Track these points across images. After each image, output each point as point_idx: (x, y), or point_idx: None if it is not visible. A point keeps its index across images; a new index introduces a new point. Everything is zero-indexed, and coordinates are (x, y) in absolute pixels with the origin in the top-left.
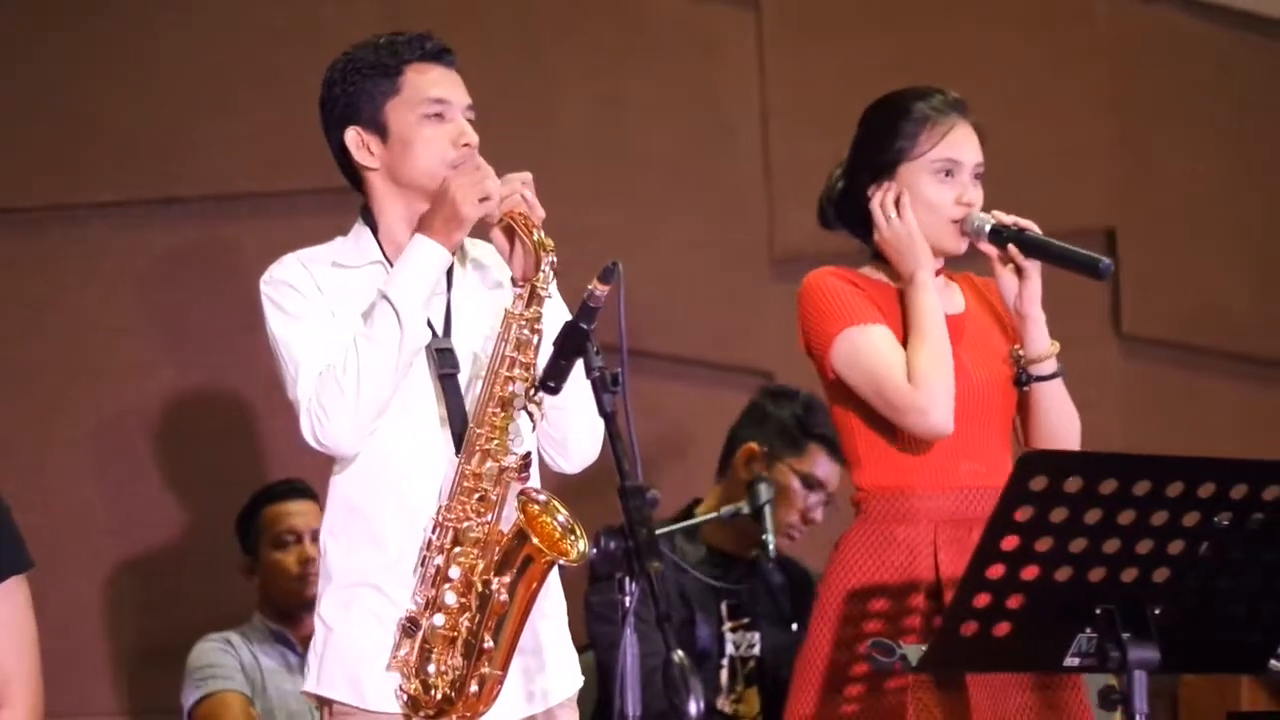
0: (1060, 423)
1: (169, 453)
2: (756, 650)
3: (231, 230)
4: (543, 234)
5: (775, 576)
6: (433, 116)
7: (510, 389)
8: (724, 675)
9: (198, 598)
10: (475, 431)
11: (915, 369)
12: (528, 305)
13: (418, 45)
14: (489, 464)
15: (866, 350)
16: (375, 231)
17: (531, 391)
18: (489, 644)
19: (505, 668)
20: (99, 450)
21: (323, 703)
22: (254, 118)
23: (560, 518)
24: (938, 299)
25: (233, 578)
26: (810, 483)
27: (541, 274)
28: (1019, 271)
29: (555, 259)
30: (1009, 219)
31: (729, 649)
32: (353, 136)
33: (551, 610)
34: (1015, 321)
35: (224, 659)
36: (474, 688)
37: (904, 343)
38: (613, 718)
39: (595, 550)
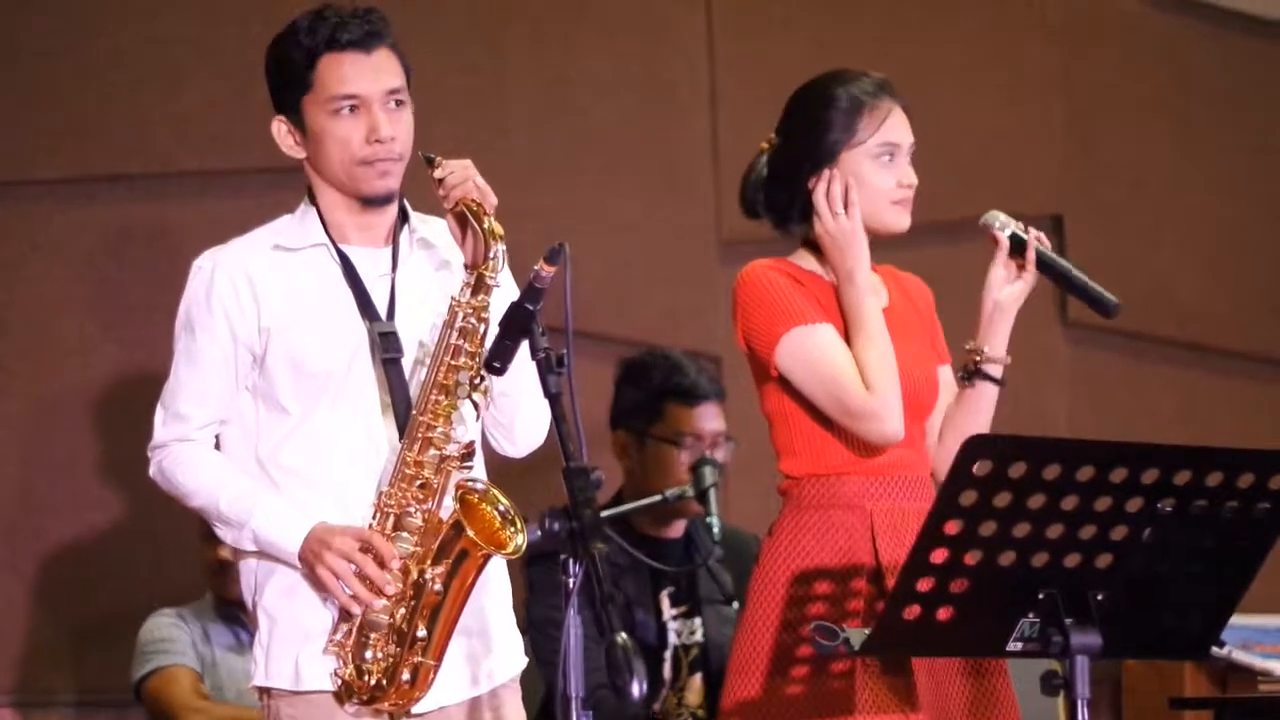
0: (983, 426)
1: (112, 430)
2: (699, 636)
3: (177, 208)
4: (493, 221)
5: (715, 551)
6: (343, 112)
7: (455, 378)
8: (667, 668)
9: (142, 577)
10: (418, 419)
11: (869, 375)
12: (474, 293)
13: (328, 35)
14: (431, 451)
15: (817, 353)
16: (319, 211)
17: (477, 380)
18: (422, 633)
19: (439, 657)
20: (42, 427)
21: (263, 691)
22: (201, 96)
23: (500, 507)
24: (876, 299)
25: (178, 556)
26: (679, 441)
27: (490, 262)
28: (1019, 273)
29: (505, 248)
30: (1032, 233)
31: (671, 639)
32: (278, 128)
33: (497, 591)
34: (989, 314)
35: (175, 634)
36: (406, 676)
37: (845, 339)
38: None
39: (539, 532)
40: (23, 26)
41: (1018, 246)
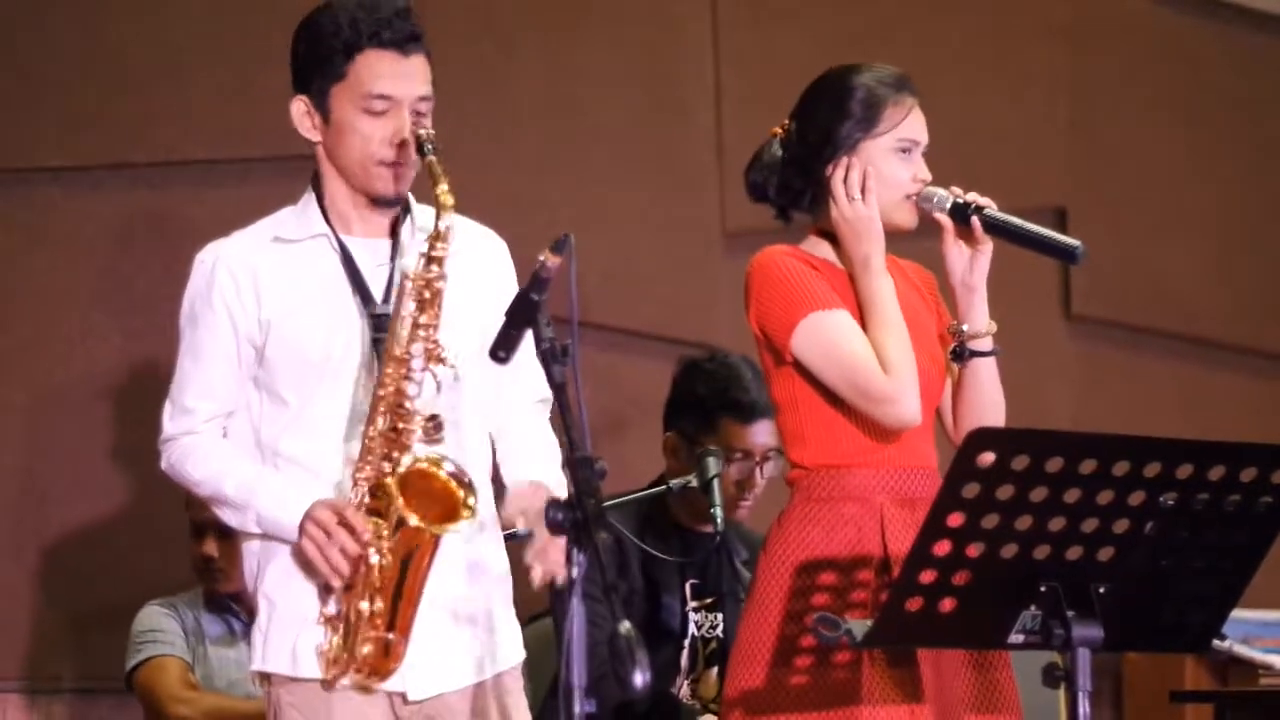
0: (992, 401)
1: (116, 419)
2: (719, 631)
3: (182, 197)
4: (446, 191)
5: (740, 552)
6: (373, 110)
7: (410, 349)
8: (684, 656)
9: (146, 565)
10: (378, 394)
11: (886, 359)
12: (426, 266)
13: (374, 31)
14: (398, 425)
15: (835, 337)
16: (322, 200)
17: (437, 350)
18: (379, 605)
19: (404, 631)
20: (46, 415)
21: (263, 677)
22: (206, 85)
23: (448, 467)
24: (891, 284)
25: (181, 545)
26: (733, 457)
27: (440, 232)
28: (972, 245)
29: (451, 221)
30: (970, 196)
31: (691, 629)
32: (299, 107)
33: (498, 579)
34: (960, 295)
35: (166, 624)
36: (367, 649)
37: (861, 327)
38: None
39: (544, 522)
40: (28, 15)
41: (962, 218)
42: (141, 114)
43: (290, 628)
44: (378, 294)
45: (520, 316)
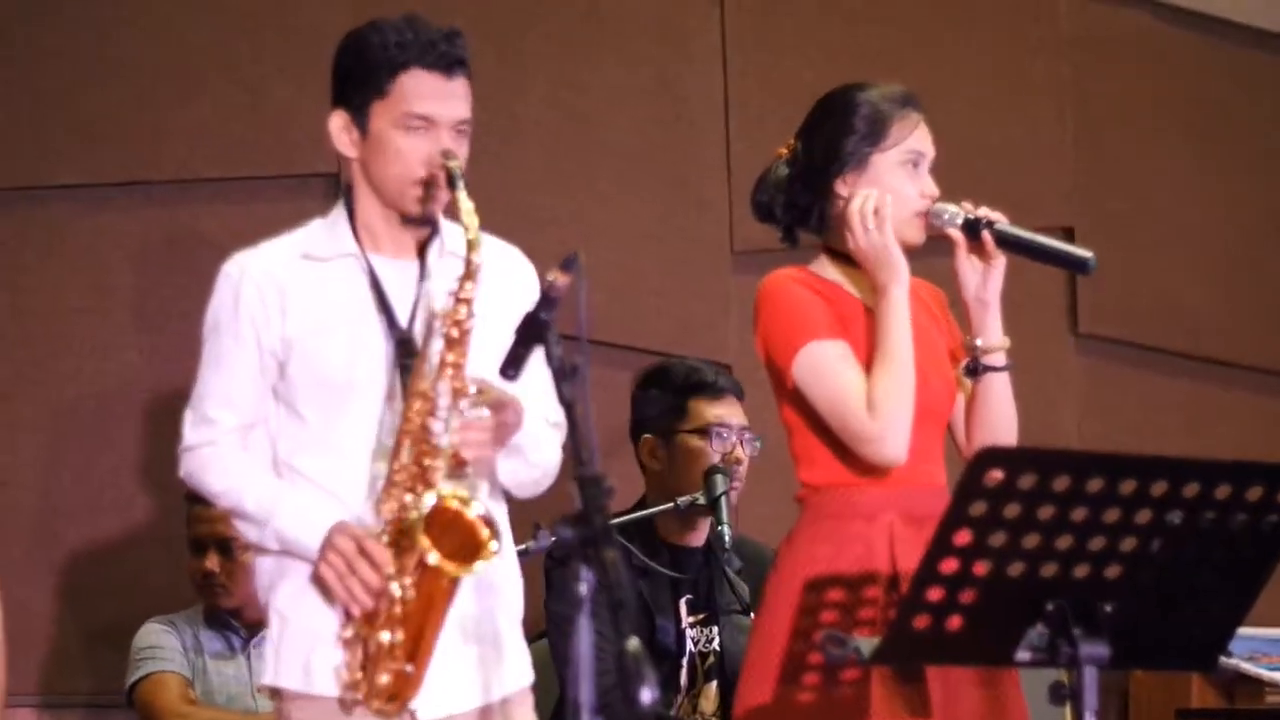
0: (1006, 415)
1: (129, 435)
2: (716, 645)
3: (194, 215)
4: (473, 225)
5: (733, 561)
6: (413, 129)
7: (437, 386)
8: (684, 674)
9: (161, 581)
10: (403, 428)
11: (875, 398)
12: (455, 306)
13: (420, 51)
14: (423, 460)
15: (827, 370)
16: (353, 216)
17: (463, 387)
18: (399, 637)
19: (421, 663)
20: (59, 432)
21: (274, 692)
22: (219, 102)
23: (477, 509)
24: (908, 318)
25: None
26: (709, 432)
27: (470, 271)
28: (985, 260)
29: (478, 260)
30: (981, 211)
31: (689, 646)
32: (337, 122)
33: (508, 602)
34: (974, 310)
35: (166, 640)
36: (385, 679)
37: (868, 359)
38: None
39: (552, 539)
40: (38, 33)
41: (974, 233)
42: (154, 131)
43: (303, 644)
44: (403, 317)
45: (529, 336)
